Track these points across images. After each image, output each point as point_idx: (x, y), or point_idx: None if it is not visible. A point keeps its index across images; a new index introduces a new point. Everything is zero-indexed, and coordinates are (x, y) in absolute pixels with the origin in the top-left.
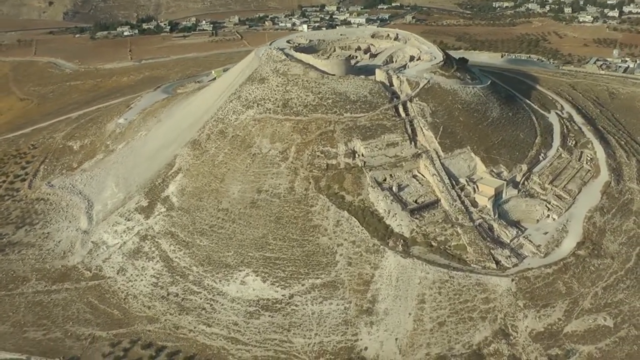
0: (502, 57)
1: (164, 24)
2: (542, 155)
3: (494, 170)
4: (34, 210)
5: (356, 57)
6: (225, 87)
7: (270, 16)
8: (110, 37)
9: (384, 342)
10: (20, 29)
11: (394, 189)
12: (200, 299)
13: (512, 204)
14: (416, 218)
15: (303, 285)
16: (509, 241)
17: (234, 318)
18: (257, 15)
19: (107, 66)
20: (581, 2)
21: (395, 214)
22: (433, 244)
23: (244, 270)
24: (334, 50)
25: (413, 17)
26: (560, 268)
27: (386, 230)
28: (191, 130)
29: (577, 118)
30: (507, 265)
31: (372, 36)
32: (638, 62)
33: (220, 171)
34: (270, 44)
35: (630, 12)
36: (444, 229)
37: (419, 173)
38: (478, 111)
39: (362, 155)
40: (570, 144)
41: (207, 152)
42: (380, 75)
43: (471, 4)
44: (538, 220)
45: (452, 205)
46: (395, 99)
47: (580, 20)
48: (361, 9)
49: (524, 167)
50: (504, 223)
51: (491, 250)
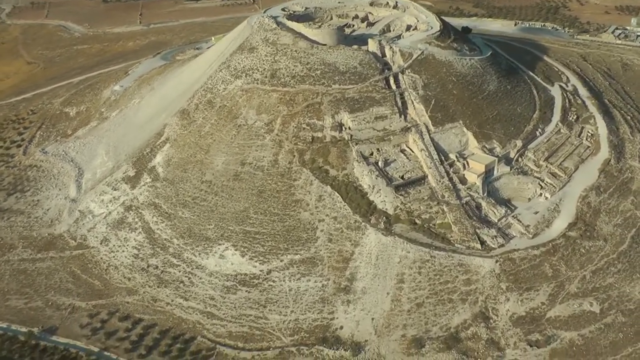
0: (515, 25)
1: None
2: (540, 130)
3: (486, 146)
4: (26, 177)
5: (353, 25)
6: (217, 55)
7: None
8: (122, 0)
9: (360, 321)
10: None
11: (379, 163)
12: (179, 272)
13: (503, 182)
14: (401, 194)
15: (282, 261)
16: (496, 220)
17: (211, 292)
18: None
19: (115, 30)
20: None
21: (380, 189)
22: (417, 221)
23: (224, 244)
24: (331, 19)
25: None
26: (549, 250)
27: (369, 206)
28: (181, 99)
29: (583, 91)
30: (493, 246)
31: (371, 4)
32: None
33: (206, 142)
34: (264, 12)
35: None
36: (429, 207)
37: (408, 147)
38: (473, 84)
39: (349, 128)
40: (570, 118)
41: (195, 123)
42: (372, 45)
43: None
44: (530, 199)
45: (439, 181)
46: (386, 71)
47: None
48: None
49: (519, 143)
50: (493, 201)
51: (477, 230)
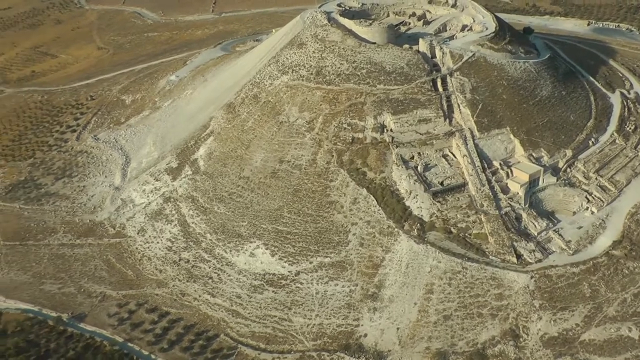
0: (587, 25)
1: None
2: (593, 140)
3: (533, 154)
4: (75, 163)
5: (409, 23)
6: (269, 49)
7: None
8: None
9: (385, 330)
10: None
11: (419, 168)
12: (209, 267)
13: (548, 193)
14: (438, 201)
15: (311, 263)
16: (536, 234)
17: (238, 290)
18: None
19: (187, 18)
20: None
21: (417, 195)
22: (452, 230)
23: (255, 242)
24: (387, 16)
25: None
26: (589, 268)
27: (404, 212)
28: (230, 92)
29: None
30: (530, 260)
31: (429, 2)
32: None
33: (247, 137)
34: (319, 6)
35: None
36: (467, 215)
37: (450, 153)
38: (525, 88)
39: (391, 130)
40: (628, 129)
41: (239, 117)
42: (423, 45)
43: None
44: (575, 213)
45: (479, 190)
46: (434, 72)
47: None
48: None
49: (568, 153)
50: (534, 213)
51: (514, 242)
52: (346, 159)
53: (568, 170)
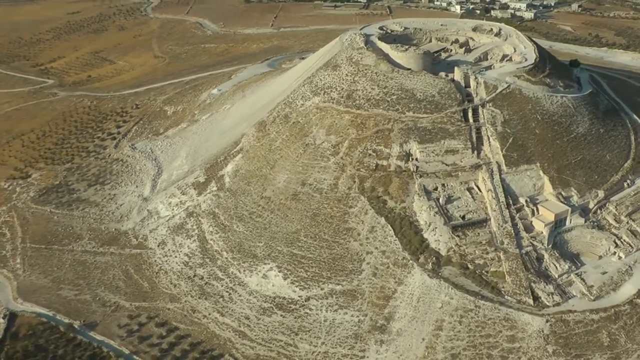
0: None
1: None
2: (628, 182)
3: (562, 193)
4: (109, 170)
5: (450, 50)
6: (305, 69)
7: None
8: (264, 1)
9: None
10: None
11: (441, 200)
12: (222, 286)
13: (575, 234)
14: (457, 235)
15: (322, 289)
16: (557, 276)
17: (247, 311)
18: None
19: (246, 31)
20: None
21: (436, 227)
22: (469, 266)
23: (269, 264)
24: (430, 41)
25: (579, 6)
26: (610, 316)
27: (421, 244)
28: (264, 110)
29: None
30: (547, 303)
31: (474, 29)
32: None
33: (273, 157)
34: (361, 29)
35: None
36: (486, 252)
37: (476, 186)
38: (560, 124)
39: (416, 159)
40: None
41: (268, 136)
42: (458, 74)
43: None
44: (601, 257)
45: (501, 226)
46: (466, 102)
47: None
48: None
49: (600, 194)
50: (557, 254)
51: (532, 284)
52: (368, 186)
53: (598, 212)
